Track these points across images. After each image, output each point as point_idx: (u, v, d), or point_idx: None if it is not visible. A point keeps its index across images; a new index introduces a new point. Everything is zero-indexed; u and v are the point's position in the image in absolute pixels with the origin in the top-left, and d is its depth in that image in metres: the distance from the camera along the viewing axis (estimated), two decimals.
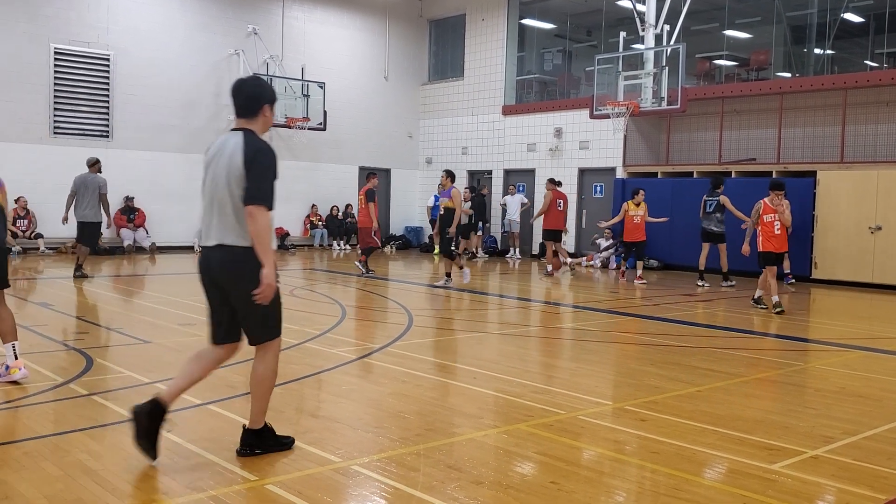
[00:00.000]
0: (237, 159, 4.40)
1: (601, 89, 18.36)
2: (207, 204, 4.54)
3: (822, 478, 4.57)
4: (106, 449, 4.73)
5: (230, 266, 4.45)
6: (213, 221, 4.50)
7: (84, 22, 19.34)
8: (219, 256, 4.47)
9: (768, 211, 11.81)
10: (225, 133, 4.66)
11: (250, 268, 4.37)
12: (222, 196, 4.44)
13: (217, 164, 4.51)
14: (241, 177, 4.37)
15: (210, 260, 4.52)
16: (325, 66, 23.36)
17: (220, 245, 4.46)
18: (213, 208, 4.50)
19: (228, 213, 4.43)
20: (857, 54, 19.31)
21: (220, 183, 4.45)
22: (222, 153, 4.50)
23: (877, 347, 9.18)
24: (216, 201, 4.48)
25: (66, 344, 7.88)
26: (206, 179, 4.56)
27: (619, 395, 6.66)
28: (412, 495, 4.10)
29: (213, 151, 4.60)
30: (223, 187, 4.43)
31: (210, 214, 4.52)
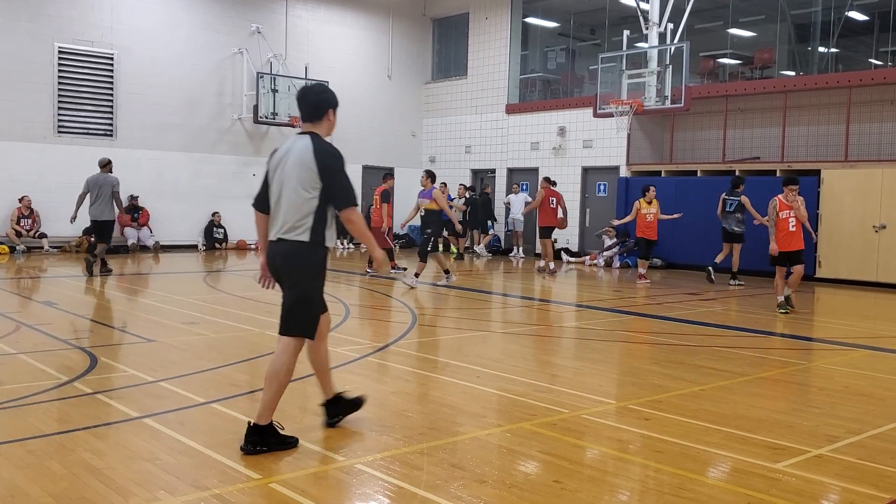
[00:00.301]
0: (307, 160, 4.73)
1: (605, 88, 18.34)
2: (275, 202, 4.86)
3: (826, 477, 4.56)
4: (110, 447, 4.74)
5: (285, 258, 4.80)
6: (279, 218, 4.82)
7: (88, 21, 19.37)
8: (278, 249, 4.83)
9: (783, 208, 11.52)
10: (291, 137, 4.96)
11: (302, 261, 4.76)
12: (290, 195, 4.76)
13: (285, 165, 4.82)
14: (310, 177, 4.71)
15: (274, 253, 4.89)
16: (329, 65, 23.36)
17: (280, 239, 4.81)
18: (280, 206, 4.82)
19: (294, 211, 4.76)
20: (861, 52, 19.28)
21: (287, 182, 4.78)
22: (290, 155, 4.82)
23: (881, 346, 9.17)
24: (283, 200, 4.80)
25: (71, 342, 7.89)
26: (273, 180, 4.87)
27: (623, 394, 6.66)
28: (416, 494, 4.11)
29: (280, 154, 4.90)
30: (291, 186, 4.76)
31: (277, 211, 4.84)
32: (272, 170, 4.91)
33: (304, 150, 4.76)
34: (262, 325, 9.24)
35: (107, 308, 10.88)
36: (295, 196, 4.74)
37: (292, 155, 4.81)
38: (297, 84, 22.07)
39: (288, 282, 4.86)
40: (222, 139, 21.78)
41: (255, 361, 7.36)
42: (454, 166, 24.80)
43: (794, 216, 11.46)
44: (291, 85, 22.01)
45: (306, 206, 4.73)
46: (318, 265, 4.84)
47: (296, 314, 4.84)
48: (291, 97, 21.90)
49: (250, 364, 7.27)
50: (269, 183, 4.92)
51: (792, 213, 11.46)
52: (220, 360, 7.26)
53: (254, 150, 22.39)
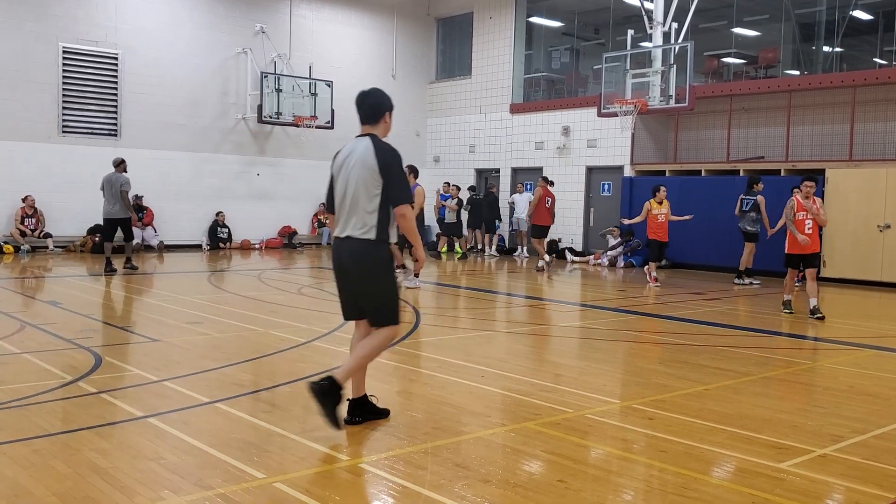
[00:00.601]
0: (369, 161, 4.99)
1: (609, 87, 18.32)
2: (340, 201, 5.14)
3: (830, 476, 4.55)
4: (115, 447, 4.74)
5: (355, 256, 5.04)
6: (343, 216, 5.10)
7: (92, 21, 19.40)
8: (346, 246, 5.07)
9: (801, 209, 11.13)
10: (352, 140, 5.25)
11: (372, 258, 5.01)
12: (354, 194, 5.04)
13: (348, 165, 5.10)
14: (373, 177, 4.98)
15: (340, 249, 5.12)
16: (333, 65, 23.37)
17: (348, 237, 5.05)
18: (345, 205, 5.09)
19: (359, 209, 5.02)
20: (865, 52, 19.22)
21: (352, 182, 5.05)
22: (353, 156, 5.10)
23: (886, 346, 9.15)
24: (348, 199, 5.07)
25: (75, 342, 7.91)
26: (337, 180, 5.16)
27: (627, 393, 6.65)
28: (420, 493, 4.11)
29: (342, 155, 5.20)
30: (355, 186, 5.03)
31: (342, 210, 5.12)
32: (336, 171, 5.19)
33: (366, 151, 5.02)
34: (266, 325, 9.24)
35: (111, 308, 10.89)
36: (359, 195, 5.01)
37: (355, 156, 5.07)
38: (300, 84, 22.09)
39: (361, 282, 5.09)
40: (226, 139, 21.80)
41: (259, 361, 7.37)
42: (458, 166, 24.80)
43: (812, 218, 11.10)
44: (296, 85, 22.03)
45: (371, 205, 4.99)
46: (387, 260, 5.09)
47: (383, 310, 5.13)
48: (296, 97, 21.95)
49: (254, 364, 7.28)
50: (333, 184, 5.22)
51: (809, 214, 11.10)
52: (224, 360, 7.26)
53: (258, 149, 22.42)
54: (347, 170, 5.09)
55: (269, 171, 22.70)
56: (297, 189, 23.04)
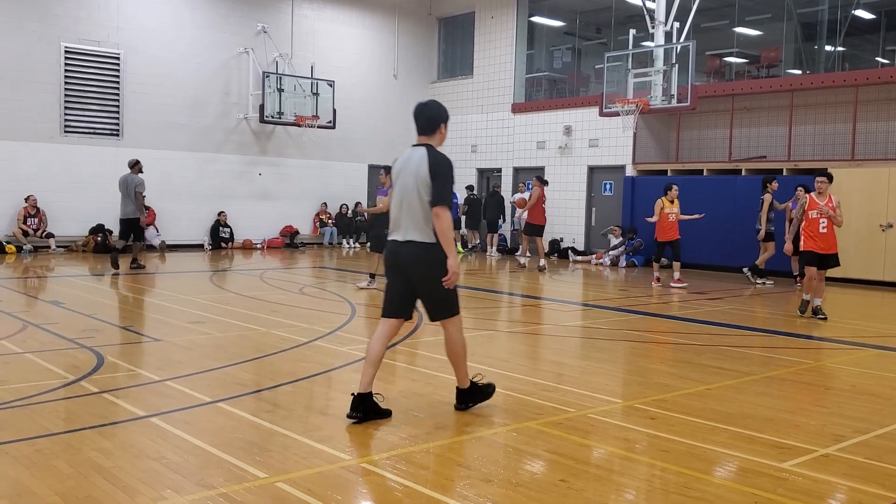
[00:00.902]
0: (423, 170, 5.33)
1: (611, 87, 18.31)
2: (397, 206, 5.47)
3: (833, 476, 4.55)
4: (117, 446, 4.75)
5: (416, 258, 5.36)
6: (402, 220, 5.43)
7: (94, 21, 19.42)
8: (407, 250, 5.39)
9: (814, 206, 10.69)
10: (408, 148, 5.62)
11: (432, 260, 5.34)
12: (411, 199, 5.37)
13: (405, 173, 5.45)
14: (427, 184, 5.30)
15: (398, 251, 5.45)
16: (335, 65, 23.38)
17: (408, 241, 5.38)
18: (403, 210, 5.43)
19: (416, 214, 5.35)
20: (868, 51, 19.20)
21: (409, 189, 5.39)
22: (409, 164, 5.45)
23: (888, 346, 9.14)
24: (405, 204, 5.41)
25: (77, 342, 7.91)
26: (396, 186, 5.52)
27: (629, 393, 6.65)
28: (422, 493, 4.11)
29: (400, 163, 5.56)
30: (412, 192, 5.36)
31: (399, 214, 5.46)
32: (394, 178, 5.57)
33: (421, 160, 5.38)
34: (267, 325, 9.25)
35: (113, 307, 10.90)
36: (415, 201, 5.34)
37: (411, 164, 5.44)
38: (302, 84, 22.09)
39: (422, 283, 5.44)
40: (228, 139, 21.81)
41: (260, 361, 7.37)
42: (460, 165, 24.78)
43: (827, 217, 10.63)
44: (297, 85, 22.05)
45: (426, 211, 5.31)
46: (444, 260, 5.35)
47: (442, 303, 5.49)
48: (297, 96, 21.96)
49: (256, 363, 7.28)
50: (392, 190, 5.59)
51: (822, 213, 10.65)
52: (226, 360, 7.27)
53: (259, 149, 22.43)
54: (405, 177, 5.44)
55: (271, 170, 22.72)
56: (298, 189, 23.05)
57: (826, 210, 10.60)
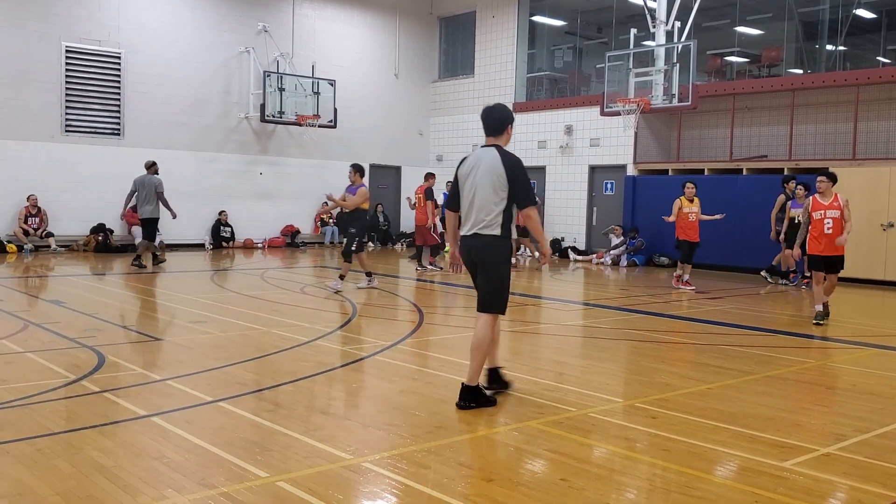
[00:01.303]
0: (497, 168, 5.72)
1: (612, 86, 18.31)
2: (468, 203, 5.86)
3: (833, 475, 4.55)
4: (118, 446, 4.75)
5: (482, 249, 5.81)
6: (471, 215, 5.84)
7: (95, 20, 19.42)
8: (476, 242, 5.82)
9: (818, 207, 10.31)
10: (476, 149, 6.04)
11: (496, 251, 5.78)
12: (484, 196, 5.77)
13: (477, 172, 5.83)
14: (503, 182, 5.69)
15: (468, 245, 5.90)
16: (336, 64, 23.38)
17: (475, 234, 5.81)
18: (473, 206, 5.82)
19: (487, 209, 5.75)
20: (869, 50, 19.19)
21: (481, 186, 5.77)
22: (480, 164, 5.84)
23: (889, 345, 9.13)
24: (476, 201, 5.80)
25: (78, 341, 7.92)
26: (464, 184, 5.90)
27: (630, 392, 6.65)
28: (423, 492, 4.11)
29: (470, 163, 5.94)
30: (486, 189, 5.75)
31: (470, 211, 5.85)
32: (463, 176, 5.94)
33: (494, 160, 5.74)
34: (268, 324, 9.25)
35: (114, 307, 10.90)
36: (487, 198, 5.74)
37: (483, 163, 5.81)
38: (303, 83, 22.09)
39: (484, 269, 5.83)
40: (229, 138, 21.81)
41: (262, 360, 7.38)
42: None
43: (833, 217, 10.19)
44: (298, 84, 22.04)
45: (497, 206, 5.72)
46: (507, 254, 5.85)
47: (494, 296, 5.82)
48: (298, 96, 21.96)
49: (257, 363, 7.28)
50: (459, 187, 5.95)
51: (827, 213, 10.23)
52: (227, 359, 7.27)
53: (260, 148, 22.43)
54: (475, 176, 5.82)
55: (272, 170, 22.72)
56: (299, 188, 23.04)
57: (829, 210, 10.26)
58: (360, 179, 12.96)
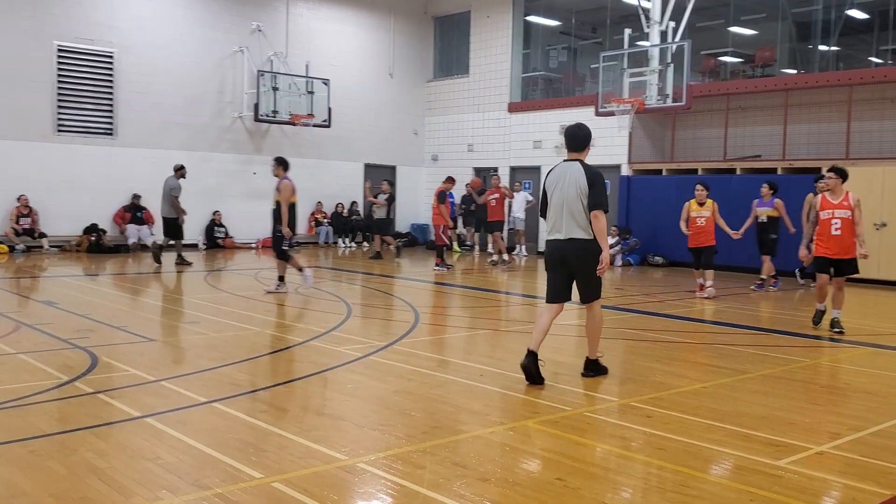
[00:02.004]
0: (582, 181, 6.60)
1: (606, 86, 18.32)
2: (557, 209, 6.72)
3: (828, 474, 4.56)
4: (112, 447, 4.73)
5: (579, 252, 6.67)
6: (563, 222, 6.69)
7: (87, 19, 19.36)
8: (572, 245, 6.67)
9: (826, 206, 9.56)
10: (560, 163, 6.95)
11: (591, 253, 6.64)
12: (572, 205, 6.63)
13: (564, 183, 6.70)
14: (585, 192, 6.58)
15: (562, 248, 6.73)
16: (330, 63, 23.34)
17: (570, 238, 6.66)
18: (563, 213, 6.68)
19: (577, 216, 6.62)
20: (862, 51, 19.24)
21: (569, 196, 6.64)
22: (566, 176, 6.72)
23: (883, 343, 9.15)
24: (565, 208, 6.66)
25: (71, 342, 7.89)
26: (553, 194, 6.77)
27: (625, 391, 6.65)
28: (418, 493, 4.10)
29: (556, 174, 6.83)
30: (573, 199, 6.62)
31: (560, 217, 6.70)
32: (551, 186, 6.80)
33: (578, 173, 6.65)
34: (262, 325, 9.23)
35: (107, 307, 10.87)
36: (574, 206, 6.61)
37: (568, 175, 6.69)
38: (297, 82, 22.05)
39: (582, 268, 6.74)
40: (223, 138, 21.77)
41: (256, 361, 7.36)
42: (457, 164, 24.78)
43: (841, 217, 9.47)
44: (292, 83, 22.01)
45: (585, 213, 6.59)
46: (598, 252, 6.65)
47: (595, 289, 6.87)
48: (292, 95, 21.92)
49: (251, 363, 7.27)
50: (548, 196, 6.83)
51: (836, 212, 9.49)
52: (220, 360, 7.25)
53: (254, 148, 22.38)
54: (563, 187, 6.68)
55: (266, 170, 22.47)
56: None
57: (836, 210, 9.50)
58: (283, 173, 12.46)
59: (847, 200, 9.50)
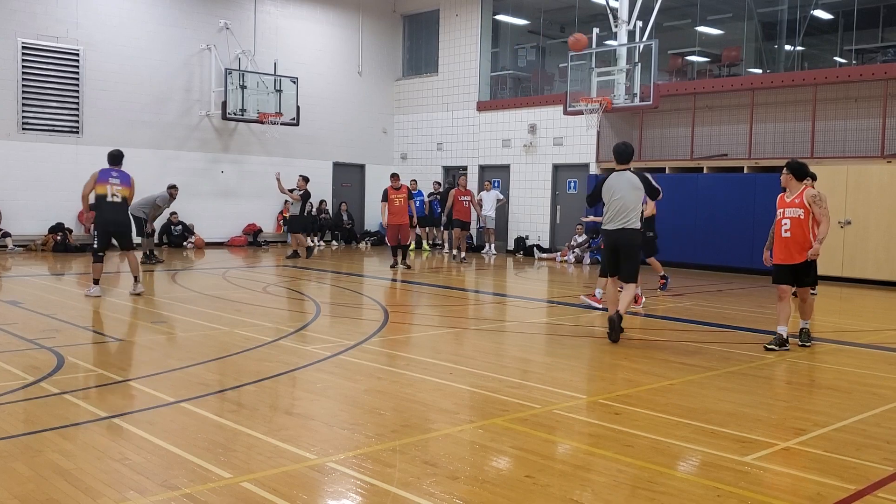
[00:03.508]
0: (635, 182, 8.82)
1: (575, 85, 18.42)
2: (615, 207, 8.83)
3: (793, 469, 4.62)
4: (78, 448, 4.68)
5: (630, 239, 8.82)
6: (618, 216, 8.81)
7: (52, 16, 19.09)
8: (624, 234, 8.80)
9: (779, 206, 8.54)
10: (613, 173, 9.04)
11: (637, 240, 8.91)
12: (627, 202, 8.79)
13: (621, 187, 8.83)
14: (639, 192, 8.85)
15: (613, 235, 8.88)
16: (298, 61, 23.23)
17: (619, 228, 8.80)
18: (618, 209, 8.81)
19: (630, 211, 8.79)
20: (826, 51, 19.53)
21: (626, 197, 8.79)
22: (622, 181, 8.85)
23: (846, 340, 9.30)
24: (622, 205, 8.79)
25: (37, 342, 7.78)
26: (612, 196, 8.86)
27: (594, 388, 6.70)
28: (388, 491, 4.10)
29: (613, 180, 8.91)
30: (630, 198, 8.80)
31: (615, 212, 8.83)
32: (608, 189, 8.90)
33: (631, 177, 8.84)
34: (231, 324, 9.17)
35: (74, 307, 10.73)
36: (631, 203, 8.78)
37: (623, 180, 8.84)
38: (265, 80, 21.90)
39: (628, 252, 8.84)
40: (190, 136, 21.58)
41: (224, 360, 7.31)
42: (426, 163, 24.80)
43: (791, 217, 8.31)
44: (260, 81, 21.86)
45: (637, 209, 8.84)
46: (638, 242, 8.96)
47: (635, 271, 8.98)
48: (260, 93, 21.78)
49: (220, 363, 7.22)
50: (603, 196, 8.95)
51: (786, 212, 8.38)
52: (189, 360, 7.20)
53: (222, 146, 22.21)
54: (620, 189, 8.79)
55: (234, 168, 22.51)
56: (262, 186, 22.85)
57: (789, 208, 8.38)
58: None
59: (800, 198, 8.30)
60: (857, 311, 12.68)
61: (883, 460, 4.79)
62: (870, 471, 4.59)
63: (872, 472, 4.56)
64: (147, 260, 16.38)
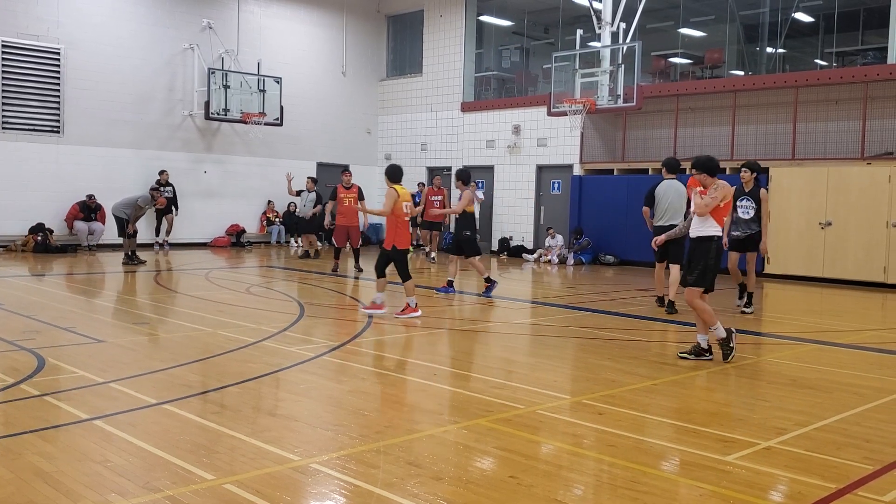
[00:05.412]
0: (682, 190, 10.72)
1: (558, 87, 18.44)
2: (665, 209, 10.99)
3: (774, 468, 4.65)
4: (59, 450, 4.65)
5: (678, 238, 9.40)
6: (668, 215, 10.90)
7: (32, 14, 18.93)
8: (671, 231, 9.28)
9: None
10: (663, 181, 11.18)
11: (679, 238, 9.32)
12: (675, 205, 10.85)
13: (669, 193, 10.95)
14: (684, 197, 10.54)
15: (665, 231, 9.62)
16: (282, 61, 23.16)
17: (670, 224, 10.45)
18: (670, 210, 10.91)
19: (677, 213, 10.74)
20: (807, 53, 19.69)
21: (674, 200, 10.88)
22: (672, 188, 10.97)
23: (827, 340, 9.37)
24: (672, 207, 10.89)
25: (17, 344, 7.72)
26: (664, 200, 11.00)
27: (577, 389, 6.72)
28: (372, 492, 4.10)
29: (664, 186, 11.05)
30: (678, 204, 10.79)
31: (667, 213, 10.95)
32: (661, 194, 11.01)
33: (679, 185, 10.88)
34: (214, 325, 9.13)
35: (54, 308, 10.65)
36: (679, 208, 10.75)
37: (673, 188, 10.93)
38: (248, 80, 21.83)
39: (674, 244, 10.20)
40: (173, 136, 21.46)
41: (207, 362, 7.28)
42: (410, 164, 24.73)
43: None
44: (244, 81, 21.77)
45: (682, 211, 10.53)
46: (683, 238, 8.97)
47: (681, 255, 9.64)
48: (244, 93, 21.69)
49: (203, 364, 7.19)
50: (656, 199, 11.07)
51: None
52: (171, 361, 7.16)
53: (205, 146, 22.10)
54: (670, 194, 10.91)
55: (217, 168, 22.40)
56: (245, 187, 22.78)
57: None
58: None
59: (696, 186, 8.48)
60: (837, 311, 12.78)
61: (863, 459, 4.83)
62: (850, 469, 4.63)
63: (853, 471, 4.60)
64: (129, 261, 16.27)
